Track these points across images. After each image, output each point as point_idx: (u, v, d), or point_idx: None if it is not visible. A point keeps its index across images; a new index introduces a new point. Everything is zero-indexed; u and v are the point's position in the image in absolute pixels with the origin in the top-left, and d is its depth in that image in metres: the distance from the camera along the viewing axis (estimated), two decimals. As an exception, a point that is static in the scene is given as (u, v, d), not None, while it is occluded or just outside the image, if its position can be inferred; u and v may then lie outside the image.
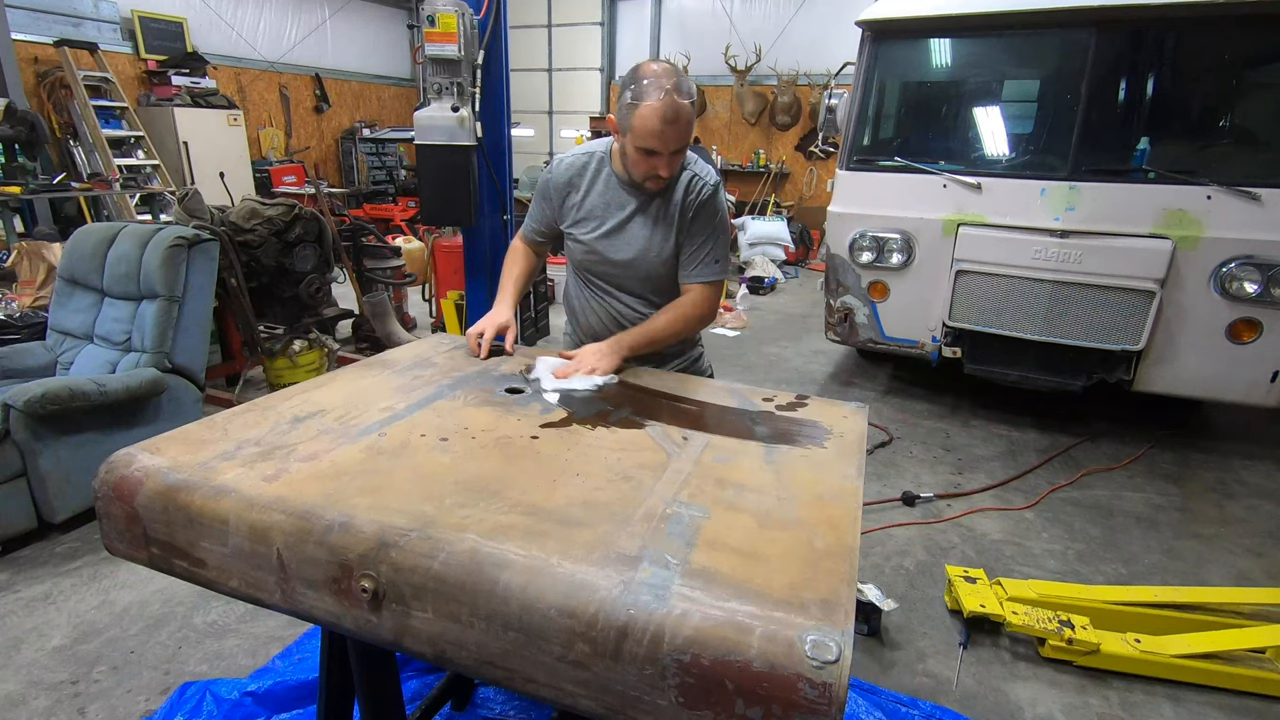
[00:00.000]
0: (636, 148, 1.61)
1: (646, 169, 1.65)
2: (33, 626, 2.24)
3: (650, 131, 1.56)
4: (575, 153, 1.83)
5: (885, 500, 3.19)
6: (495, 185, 3.66)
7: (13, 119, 6.18)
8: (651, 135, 1.56)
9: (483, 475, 1.13)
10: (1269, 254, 3.23)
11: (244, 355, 4.10)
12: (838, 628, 0.80)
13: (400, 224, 8.97)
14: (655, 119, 1.54)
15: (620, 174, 1.76)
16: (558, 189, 1.84)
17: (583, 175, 1.80)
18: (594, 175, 1.79)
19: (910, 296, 4.02)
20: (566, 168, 1.82)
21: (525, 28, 12.07)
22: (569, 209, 1.83)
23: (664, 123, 1.54)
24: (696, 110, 1.61)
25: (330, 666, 1.34)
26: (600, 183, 1.79)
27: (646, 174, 1.66)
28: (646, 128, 1.55)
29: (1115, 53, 3.53)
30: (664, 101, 1.52)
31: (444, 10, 3.20)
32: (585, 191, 1.80)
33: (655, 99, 1.53)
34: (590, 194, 1.80)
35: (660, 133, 1.55)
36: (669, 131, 1.55)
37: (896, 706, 1.97)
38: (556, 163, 1.85)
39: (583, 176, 1.80)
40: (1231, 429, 4.21)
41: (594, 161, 1.80)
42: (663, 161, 1.62)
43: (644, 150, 1.60)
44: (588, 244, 1.81)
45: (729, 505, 1.08)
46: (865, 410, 1.55)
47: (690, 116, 1.58)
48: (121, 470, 1.09)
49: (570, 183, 1.82)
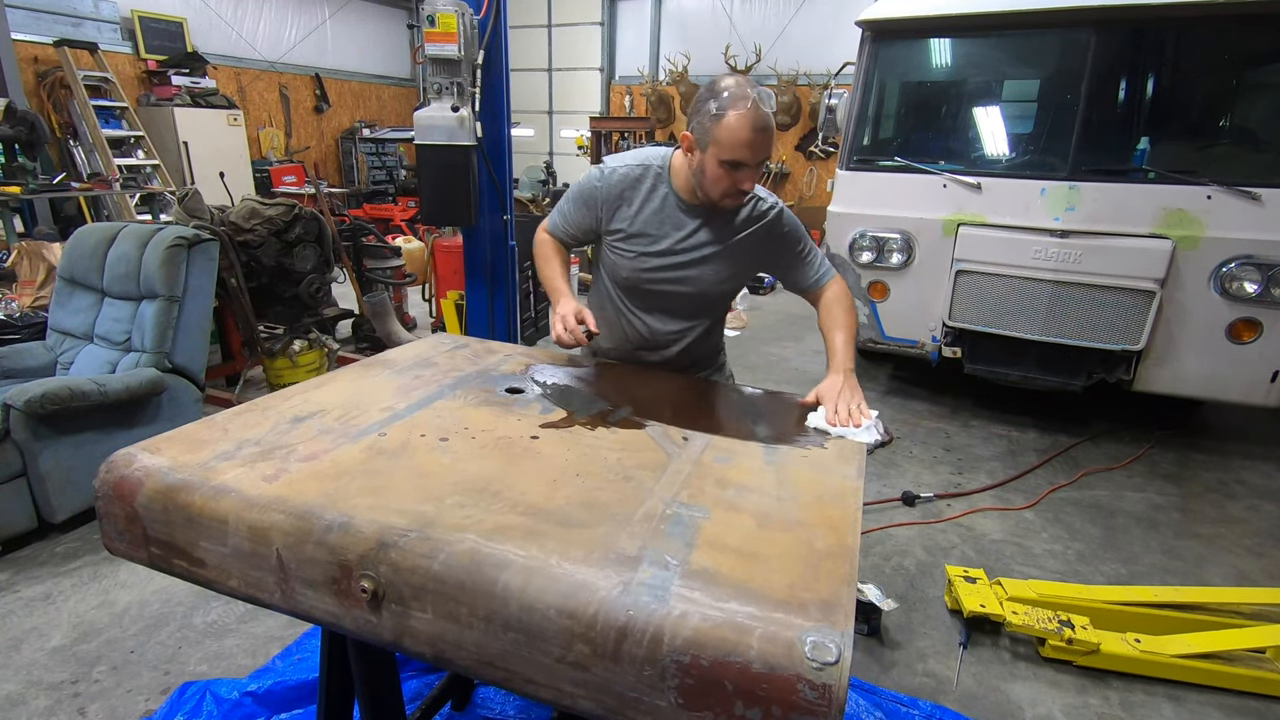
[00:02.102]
0: (721, 161, 1.52)
1: (729, 185, 1.56)
2: (33, 626, 2.24)
3: (740, 142, 1.49)
4: (629, 163, 1.72)
5: (885, 500, 3.19)
6: (495, 185, 3.66)
7: (13, 119, 6.18)
8: (741, 146, 1.49)
9: (483, 475, 1.12)
10: (1269, 254, 3.23)
11: (244, 355, 4.10)
12: (837, 629, 0.80)
13: (400, 224, 8.97)
14: (745, 128, 1.47)
15: (681, 193, 1.67)
16: (607, 200, 1.72)
17: (636, 189, 1.70)
18: (649, 191, 1.69)
19: (910, 296, 4.02)
20: (620, 179, 1.71)
21: (525, 28, 12.07)
22: (618, 222, 1.73)
23: (754, 131, 1.48)
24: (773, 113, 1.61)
25: (330, 666, 1.34)
26: (656, 200, 1.69)
27: (728, 191, 1.57)
28: (736, 138, 1.48)
29: (1115, 53, 3.53)
30: (752, 110, 1.47)
31: (444, 10, 3.20)
32: (639, 207, 1.70)
33: (743, 108, 1.47)
34: (644, 210, 1.70)
35: (750, 142, 1.49)
36: (759, 140, 1.50)
37: (896, 706, 1.97)
38: (608, 171, 1.73)
39: (636, 191, 1.70)
40: (1231, 429, 4.21)
41: (649, 176, 1.70)
42: (748, 175, 1.54)
43: (729, 164, 1.52)
44: (635, 262, 1.73)
45: (729, 506, 1.08)
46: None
47: (773, 127, 1.55)
48: (121, 470, 1.09)
49: (622, 196, 1.71)
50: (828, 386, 1.58)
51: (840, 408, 1.50)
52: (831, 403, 1.52)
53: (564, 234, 1.82)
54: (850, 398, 1.53)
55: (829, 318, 1.74)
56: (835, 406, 1.50)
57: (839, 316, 1.73)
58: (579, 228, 1.79)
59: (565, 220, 1.81)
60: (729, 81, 1.53)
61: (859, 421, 1.45)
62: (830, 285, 1.79)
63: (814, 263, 1.79)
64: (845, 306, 1.74)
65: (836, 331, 1.71)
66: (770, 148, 1.55)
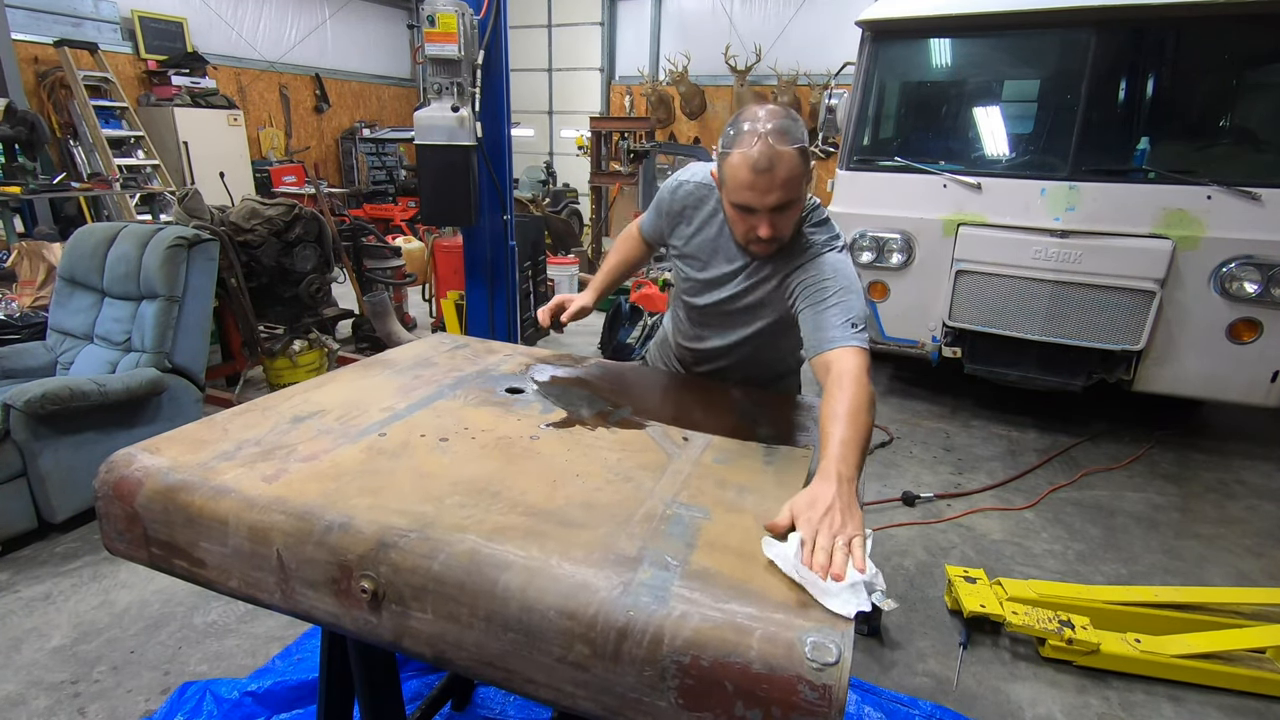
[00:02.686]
0: (731, 204, 1.40)
1: (745, 229, 1.42)
2: (33, 626, 2.24)
3: (740, 183, 1.34)
4: (699, 180, 1.61)
5: (885, 500, 3.19)
6: (495, 185, 3.66)
7: (13, 119, 6.18)
8: (742, 188, 1.34)
9: (482, 476, 1.12)
10: (1269, 254, 3.23)
11: (244, 355, 4.10)
12: (837, 630, 0.80)
13: (400, 224, 8.97)
14: (745, 168, 1.31)
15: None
16: (670, 214, 1.66)
17: (699, 209, 1.61)
18: (710, 215, 1.59)
19: (910, 296, 4.02)
20: (685, 195, 1.63)
21: (525, 28, 12.06)
22: (675, 239, 1.67)
23: (755, 172, 1.30)
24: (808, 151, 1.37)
25: (330, 666, 1.34)
26: (714, 226, 1.59)
27: (746, 235, 1.43)
28: (737, 179, 1.34)
29: (1115, 53, 3.53)
30: (758, 148, 1.29)
31: (444, 10, 3.20)
32: (698, 228, 1.62)
33: (749, 145, 1.30)
34: (701, 232, 1.61)
35: (751, 183, 1.32)
36: (761, 182, 1.31)
37: (896, 706, 1.97)
38: (678, 184, 1.65)
39: (698, 211, 1.61)
40: (1231, 429, 4.21)
41: (714, 198, 1.57)
42: (762, 221, 1.37)
43: (738, 207, 1.38)
44: (683, 282, 1.68)
45: (729, 506, 1.08)
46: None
47: (795, 167, 1.32)
48: (121, 470, 1.09)
49: (683, 213, 1.64)
50: (806, 501, 1.01)
51: (821, 540, 0.95)
52: (810, 530, 0.96)
53: (648, 233, 1.79)
54: (838, 527, 0.97)
55: (831, 400, 1.21)
56: (814, 539, 0.95)
57: (845, 401, 1.19)
58: (656, 230, 1.75)
59: (649, 220, 1.76)
60: (750, 112, 1.35)
61: (841, 572, 0.90)
62: (844, 355, 1.29)
63: (833, 319, 1.35)
64: (857, 390, 1.21)
65: (835, 423, 1.15)
66: (788, 189, 1.33)
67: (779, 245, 1.45)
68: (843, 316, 1.35)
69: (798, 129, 1.33)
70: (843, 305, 1.37)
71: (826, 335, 1.34)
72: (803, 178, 1.35)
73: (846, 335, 1.33)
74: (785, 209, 1.37)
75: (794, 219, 1.43)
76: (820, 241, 1.48)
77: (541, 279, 5.55)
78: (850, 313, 1.36)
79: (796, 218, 1.44)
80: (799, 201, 1.39)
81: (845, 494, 1.02)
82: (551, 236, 8.28)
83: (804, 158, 1.34)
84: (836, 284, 1.40)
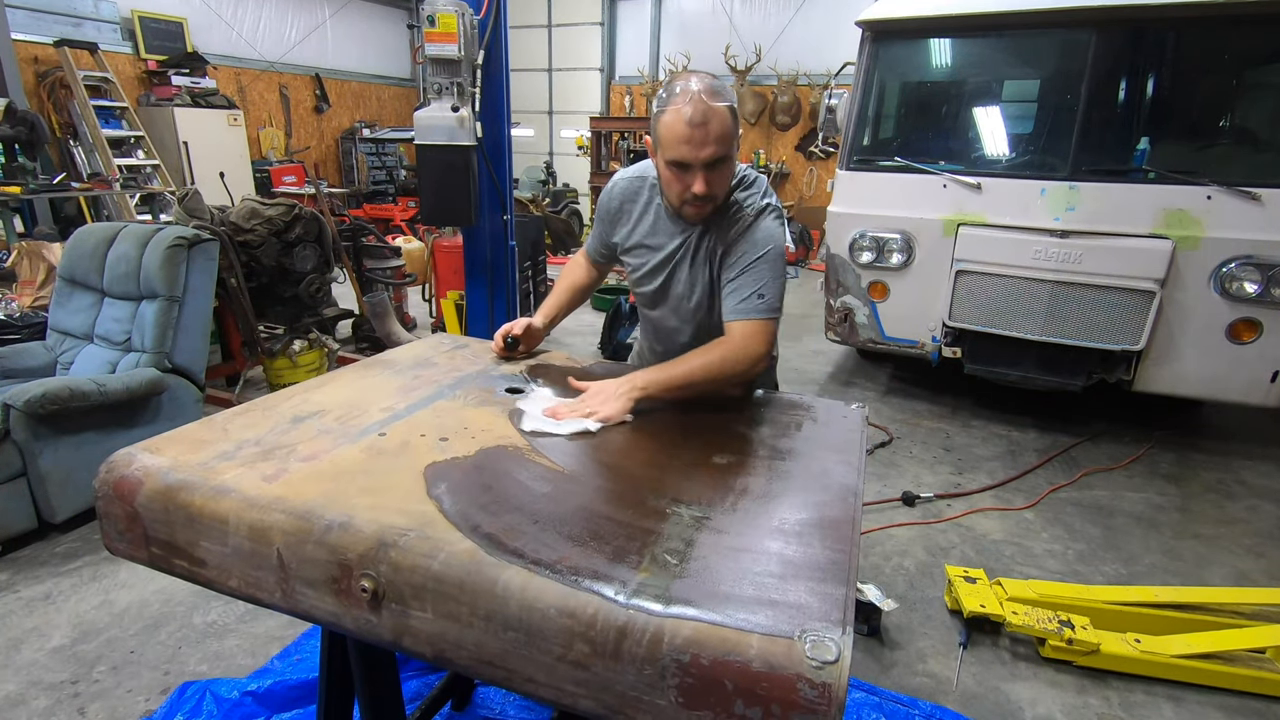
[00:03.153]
0: (667, 162, 1.45)
1: (680, 189, 1.46)
2: (33, 626, 2.24)
3: (677, 138, 1.38)
4: (631, 175, 1.69)
5: (885, 500, 3.19)
6: (495, 185, 3.66)
7: (13, 119, 6.18)
8: (679, 142, 1.39)
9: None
10: (1269, 254, 3.23)
11: (244, 355, 4.10)
12: (837, 628, 0.80)
13: (400, 224, 8.97)
14: (680, 123, 1.37)
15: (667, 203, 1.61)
16: (611, 214, 1.73)
17: (635, 201, 1.68)
18: (646, 203, 1.66)
19: (910, 296, 4.02)
20: (620, 193, 1.70)
21: (525, 28, 12.08)
22: (618, 236, 1.73)
23: (690, 126, 1.36)
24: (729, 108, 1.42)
25: (330, 666, 1.34)
26: (651, 212, 1.66)
27: (681, 196, 1.47)
28: (673, 134, 1.39)
29: (1115, 53, 3.53)
30: (691, 103, 1.36)
31: (444, 10, 3.20)
32: (636, 220, 1.68)
33: (682, 102, 1.37)
34: (641, 223, 1.68)
35: (688, 137, 1.37)
36: (696, 135, 1.37)
37: (896, 706, 1.97)
38: (612, 184, 1.73)
39: (635, 203, 1.68)
40: (1231, 429, 4.21)
41: (647, 187, 1.66)
42: (696, 177, 1.42)
43: (674, 164, 1.43)
44: (634, 276, 1.73)
45: (729, 505, 1.08)
46: (865, 410, 1.54)
47: (726, 123, 1.39)
48: (121, 470, 1.09)
49: (622, 209, 1.70)
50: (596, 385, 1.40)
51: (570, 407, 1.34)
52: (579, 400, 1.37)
53: (594, 251, 1.85)
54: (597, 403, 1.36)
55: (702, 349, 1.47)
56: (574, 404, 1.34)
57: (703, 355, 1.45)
58: (603, 243, 1.80)
59: (594, 236, 1.83)
60: (682, 76, 1.42)
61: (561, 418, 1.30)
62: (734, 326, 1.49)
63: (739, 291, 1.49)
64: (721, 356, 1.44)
65: (683, 359, 1.46)
66: (721, 143, 1.39)
67: (712, 206, 1.51)
68: (749, 288, 1.47)
69: (728, 91, 1.42)
70: (753, 275, 1.48)
71: (732, 304, 1.49)
72: (734, 136, 1.42)
73: (751, 306, 1.47)
74: (718, 165, 1.43)
75: (726, 179, 1.49)
76: (751, 209, 1.54)
77: (541, 279, 5.55)
78: (758, 283, 1.47)
79: (728, 177, 1.50)
80: (730, 161, 1.45)
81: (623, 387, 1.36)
82: (551, 236, 8.28)
83: (733, 116, 1.41)
84: (753, 254, 1.49)
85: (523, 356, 1.77)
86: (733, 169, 1.50)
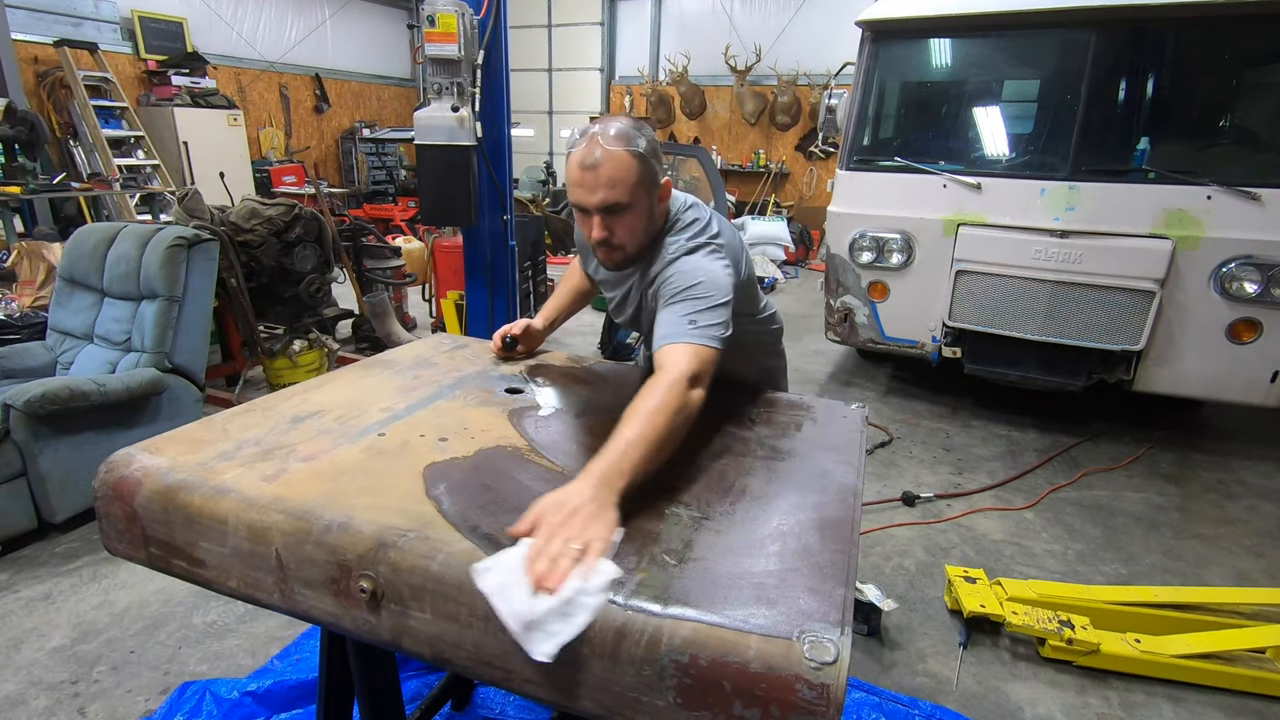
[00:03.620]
0: (572, 206, 1.41)
1: (586, 233, 1.41)
2: (33, 626, 2.24)
3: (571, 180, 1.35)
4: None
5: (885, 500, 3.19)
6: (495, 185, 3.66)
7: (13, 119, 6.18)
8: (572, 184, 1.36)
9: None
10: (1269, 254, 3.23)
11: (244, 355, 4.11)
12: (836, 629, 0.80)
13: (400, 224, 8.97)
14: (574, 166, 1.33)
15: None
16: (583, 247, 1.69)
17: None
18: None
19: (910, 296, 4.02)
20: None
21: (525, 28, 12.08)
22: (590, 269, 1.72)
23: (581, 169, 1.32)
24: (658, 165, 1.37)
25: (329, 666, 1.34)
26: None
27: (590, 240, 1.41)
28: (569, 177, 1.35)
29: (1115, 53, 3.53)
30: (585, 146, 1.31)
31: (444, 10, 3.20)
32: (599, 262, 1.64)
33: (579, 146, 1.33)
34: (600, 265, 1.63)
35: (579, 180, 1.33)
36: (587, 179, 1.31)
37: (896, 706, 1.97)
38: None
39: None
40: (1231, 429, 4.21)
41: None
42: (594, 222, 1.36)
43: (575, 207, 1.40)
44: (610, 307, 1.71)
45: (728, 506, 1.08)
46: (865, 410, 1.55)
47: (622, 168, 1.30)
48: (121, 470, 1.09)
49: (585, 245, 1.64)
50: (553, 502, 0.93)
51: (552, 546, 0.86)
52: (545, 535, 0.88)
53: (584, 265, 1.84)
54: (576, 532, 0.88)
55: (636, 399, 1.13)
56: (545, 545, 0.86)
57: (645, 399, 1.12)
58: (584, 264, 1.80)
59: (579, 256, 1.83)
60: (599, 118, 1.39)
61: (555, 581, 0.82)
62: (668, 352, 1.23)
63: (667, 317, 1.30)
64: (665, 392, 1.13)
65: (626, 421, 1.08)
66: (613, 189, 1.31)
67: (623, 255, 1.43)
68: (680, 312, 1.29)
69: (638, 136, 1.32)
70: (683, 301, 1.31)
71: (659, 333, 1.30)
72: (636, 182, 1.32)
73: (679, 331, 1.26)
74: (615, 211, 1.34)
75: (633, 228, 1.38)
76: (678, 247, 1.42)
77: (541, 279, 5.55)
78: (690, 308, 1.29)
79: (636, 227, 1.39)
80: (633, 208, 1.35)
81: (600, 496, 0.94)
82: (551, 236, 8.27)
83: (639, 161, 1.32)
84: (682, 282, 1.34)
85: (523, 357, 1.77)
86: (642, 217, 1.39)
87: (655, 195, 1.40)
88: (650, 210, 1.41)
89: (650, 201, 1.39)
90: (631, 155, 1.31)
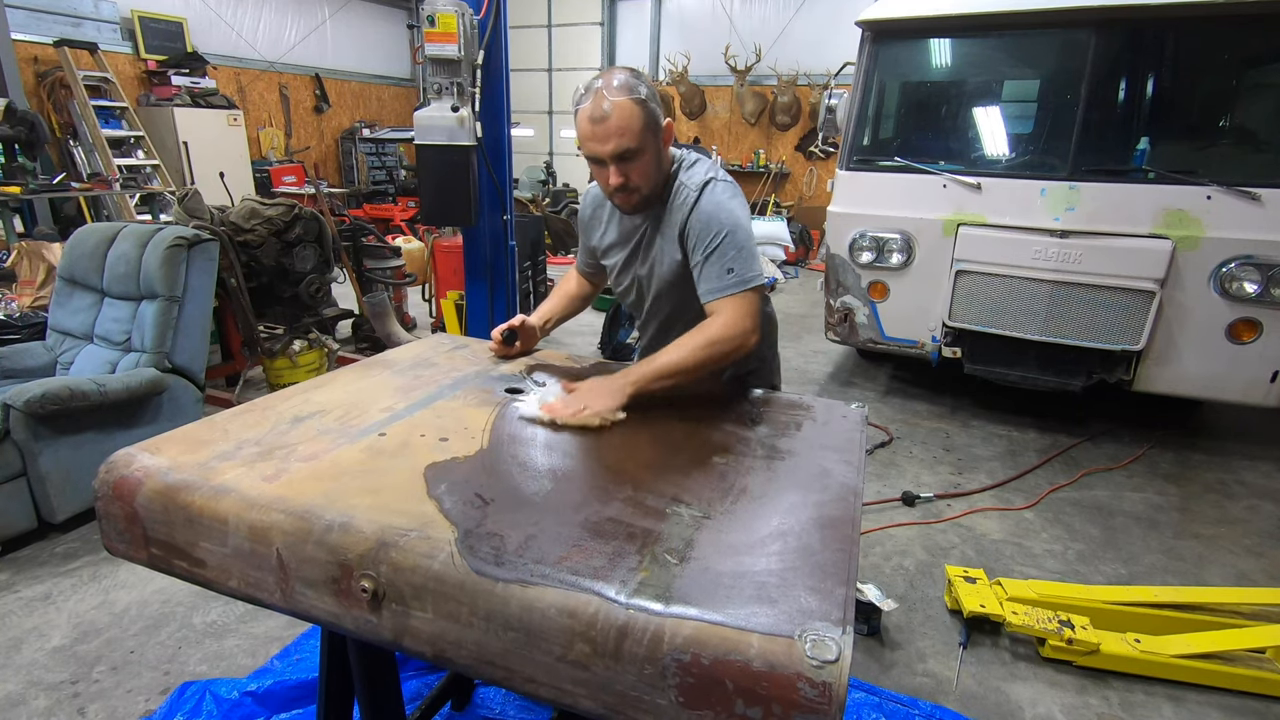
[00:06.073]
0: (586, 158, 1.51)
1: (602, 183, 1.54)
2: (33, 626, 2.24)
3: (583, 135, 1.45)
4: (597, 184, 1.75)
5: (885, 500, 3.19)
6: (495, 185, 3.66)
7: (13, 119, 6.18)
8: (585, 139, 1.45)
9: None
10: (1269, 254, 3.23)
11: (244, 355, 4.10)
12: (837, 628, 0.80)
13: (400, 224, 8.97)
14: (585, 120, 1.43)
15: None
16: (586, 221, 1.82)
17: (604, 206, 1.76)
18: (612, 207, 1.71)
19: (910, 296, 4.02)
20: (591, 201, 1.79)
21: (525, 28, 12.08)
22: (596, 239, 1.80)
23: (592, 122, 1.42)
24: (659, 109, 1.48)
25: (330, 666, 1.34)
26: (616, 213, 1.72)
27: (606, 189, 1.54)
28: (580, 131, 1.45)
29: (1115, 53, 3.53)
30: (593, 100, 1.42)
31: (444, 10, 3.20)
32: (606, 223, 1.76)
33: (587, 100, 1.43)
34: (610, 225, 1.75)
35: (591, 133, 1.43)
36: (599, 131, 1.42)
37: (896, 706, 1.97)
38: (586, 194, 1.82)
39: (604, 208, 1.76)
40: (1231, 429, 4.21)
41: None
42: (610, 170, 1.47)
43: (590, 159, 1.50)
44: (613, 277, 1.79)
45: (729, 505, 1.08)
46: (865, 410, 1.55)
47: (630, 116, 1.41)
48: (121, 470, 1.09)
49: (595, 215, 1.79)
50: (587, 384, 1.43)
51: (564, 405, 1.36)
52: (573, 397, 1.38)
53: (583, 265, 1.93)
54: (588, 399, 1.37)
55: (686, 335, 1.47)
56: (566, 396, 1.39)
57: (692, 335, 1.46)
58: (587, 252, 1.88)
59: (580, 250, 1.91)
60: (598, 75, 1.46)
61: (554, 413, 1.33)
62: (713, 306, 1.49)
63: (709, 273, 1.50)
64: (706, 339, 1.44)
65: (668, 349, 1.45)
66: (624, 136, 1.42)
67: (639, 196, 1.54)
68: (716, 267, 1.48)
69: (639, 85, 1.43)
70: (717, 255, 1.48)
71: (705, 288, 1.50)
72: (643, 127, 1.43)
73: (724, 285, 1.47)
74: (628, 158, 1.45)
75: (646, 170, 1.50)
76: (693, 185, 1.54)
77: (541, 279, 5.55)
78: (723, 259, 1.48)
79: (649, 169, 1.51)
80: (644, 151, 1.47)
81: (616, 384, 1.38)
82: (551, 236, 8.27)
83: (643, 107, 1.43)
84: (710, 230, 1.49)
85: (522, 356, 1.77)
86: (653, 159, 1.50)
87: (660, 137, 1.51)
88: (658, 151, 1.52)
89: (657, 143, 1.50)
90: (635, 103, 1.42)
